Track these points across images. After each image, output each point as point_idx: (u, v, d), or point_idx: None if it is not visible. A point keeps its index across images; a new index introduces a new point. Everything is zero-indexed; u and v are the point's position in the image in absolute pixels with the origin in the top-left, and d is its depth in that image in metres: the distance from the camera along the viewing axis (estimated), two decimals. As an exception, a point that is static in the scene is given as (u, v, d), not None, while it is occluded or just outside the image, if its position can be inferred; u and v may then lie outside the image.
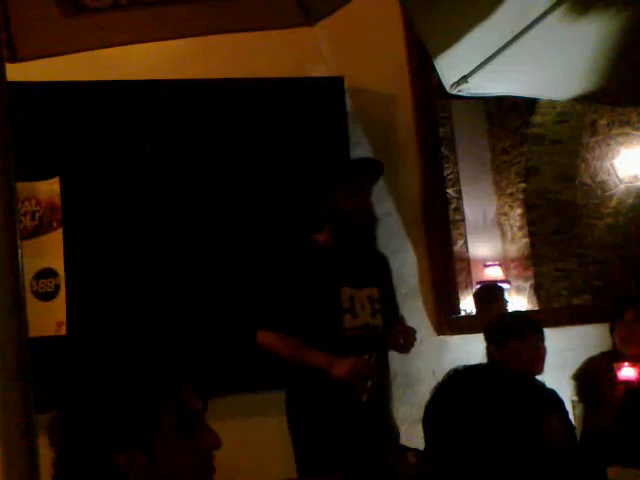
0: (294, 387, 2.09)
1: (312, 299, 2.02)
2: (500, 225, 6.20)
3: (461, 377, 1.13)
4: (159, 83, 2.62)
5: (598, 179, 6.39)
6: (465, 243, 5.75)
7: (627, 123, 6.49)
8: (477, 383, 1.09)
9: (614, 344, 2.32)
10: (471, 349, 2.66)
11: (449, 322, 2.72)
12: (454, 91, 2.48)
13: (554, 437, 1.95)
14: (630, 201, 6.40)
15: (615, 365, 2.12)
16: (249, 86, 2.66)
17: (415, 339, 2.17)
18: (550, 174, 5.95)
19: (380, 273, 2.25)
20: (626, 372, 2.04)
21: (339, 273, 2.08)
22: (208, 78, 2.64)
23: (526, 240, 5.93)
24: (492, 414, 1.02)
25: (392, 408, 2.21)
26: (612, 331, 2.34)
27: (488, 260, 6.00)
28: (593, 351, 2.49)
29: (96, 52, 1.76)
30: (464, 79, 2.42)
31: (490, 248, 6.13)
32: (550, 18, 2.26)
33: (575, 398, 2.32)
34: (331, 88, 2.68)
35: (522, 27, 2.25)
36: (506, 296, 4.70)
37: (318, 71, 2.73)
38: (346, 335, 2.03)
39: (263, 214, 2.60)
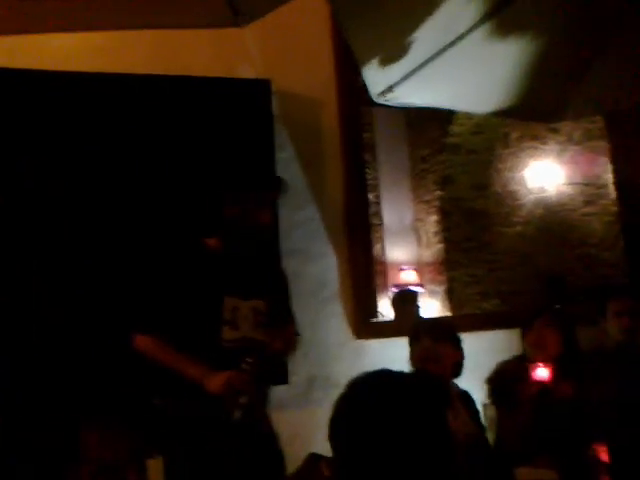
0: (166, 398, 1.96)
1: (192, 305, 1.91)
2: (416, 231, 6.37)
3: (360, 386, 1.16)
4: (76, 75, 2.50)
5: (509, 189, 6.69)
6: (383, 247, 5.86)
7: (536, 137, 6.83)
8: (375, 390, 1.11)
9: (524, 349, 2.44)
10: (389, 353, 2.72)
11: (368, 326, 2.76)
12: (380, 100, 2.53)
13: (459, 432, 2.02)
14: (538, 211, 6.74)
15: (529, 366, 2.21)
16: (171, 83, 2.58)
17: (296, 344, 2.11)
18: (465, 183, 6.17)
19: (271, 285, 2.16)
20: (540, 372, 2.14)
21: (225, 281, 1.99)
22: (128, 73, 2.55)
23: (440, 246, 6.12)
24: (394, 418, 1.05)
25: (272, 429, 2.09)
26: (523, 336, 2.45)
27: (404, 264, 6.15)
28: (504, 355, 2.59)
29: (13, 38, 1.66)
30: (390, 89, 2.47)
31: (406, 253, 6.29)
32: (474, 35, 2.34)
33: (487, 401, 2.41)
34: (258, 90, 2.65)
35: (448, 41, 2.32)
36: (419, 301, 4.83)
37: (245, 72, 2.70)
38: (224, 347, 1.93)
39: (170, 215, 2.50)
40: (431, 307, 5.96)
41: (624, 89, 2.76)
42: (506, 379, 2.36)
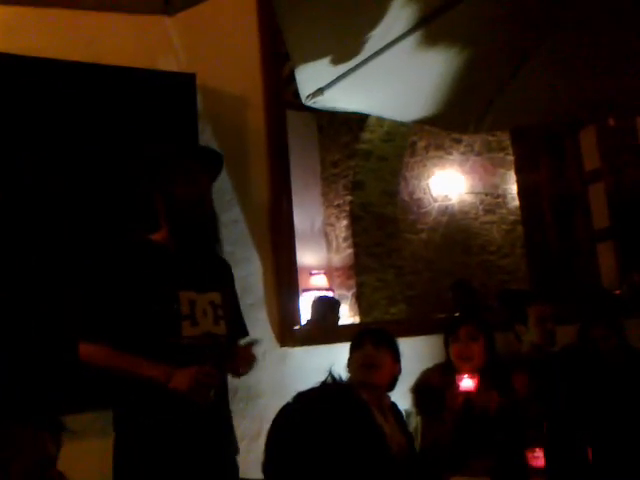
0: (124, 405, 1.86)
1: (146, 304, 1.81)
2: (326, 235, 6.39)
3: (293, 413, 1.13)
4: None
5: (415, 197, 6.87)
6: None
7: (441, 147, 7.07)
8: (309, 415, 1.08)
9: (448, 356, 2.45)
10: (313, 361, 2.66)
11: (292, 333, 2.69)
12: (309, 102, 2.47)
13: (393, 445, 2.00)
14: (442, 218, 6.97)
15: (456, 376, 2.23)
16: (86, 71, 2.39)
17: (252, 365, 2.05)
18: (375, 189, 6.27)
19: (222, 277, 2.10)
20: (466, 383, 2.17)
21: (179, 275, 1.90)
22: (36, 56, 2.33)
23: (350, 251, 6.17)
24: (332, 444, 1.02)
25: (232, 422, 2.06)
26: (447, 345, 2.46)
27: (314, 268, 6.15)
28: (427, 361, 2.60)
29: None
30: (320, 91, 2.42)
31: (316, 257, 6.29)
32: (404, 43, 2.35)
33: (412, 410, 2.42)
34: (181, 84, 2.51)
35: (379, 47, 2.31)
36: (340, 309, 4.84)
37: (168, 65, 2.55)
38: (184, 344, 1.84)
39: (93, 213, 2.31)
40: (341, 311, 5.99)
41: (537, 108, 2.89)
42: (431, 388, 2.37)
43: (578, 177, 4.48)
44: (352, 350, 2.27)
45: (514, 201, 6.60)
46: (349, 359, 2.26)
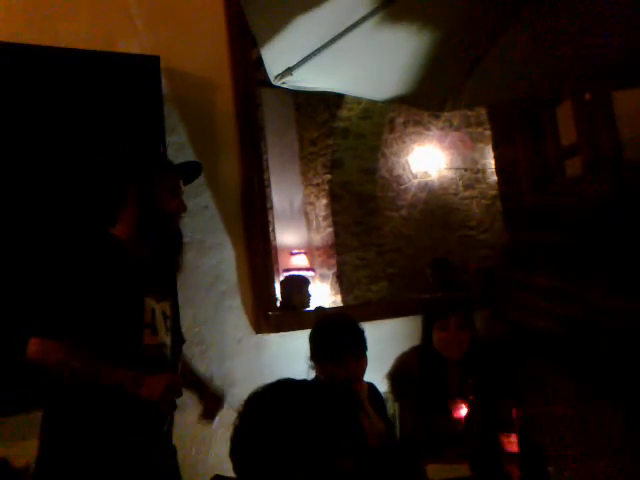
0: (68, 407, 1.73)
1: (112, 307, 1.71)
2: (306, 214, 6.34)
3: (264, 401, 1.11)
4: None
5: (395, 173, 6.82)
6: (273, 231, 5.78)
7: (419, 123, 7.01)
8: (283, 405, 1.08)
9: (425, 339, 2.40)
10: (289, 347, 2.64)
11: (267, 320, 2.65)
12: (278, 82, 2.41)
13: (371, 435, 1.99)
14: (422, 195, 6.94)
15: (451, 405, 2.06)
16: (41, 55, 2.27)
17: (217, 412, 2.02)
18: (354, 167, 6.21)
19: (172, 286, 2.06)
20: (463, 412, 2.02)
21: (145, 280, 1.82)
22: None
23: (330, 229, 6.13)
24: (305, 434, 1.01)
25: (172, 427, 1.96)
26: (428, 329, 2.39)
27: (294, 248, 6.12)
28: (405, 343, 2.56)
29: None
30: (289, 71, 2.35)
31: (296, 236, 6.25)
32: (374, 20, 2.28)
33: (389, 396, 2.38)
34: (145, 67, 2.42)
35: (348, 25, 2.25)
36: (309, 288, 4.79)
37: (130, 47, 2.46)
38: (144, 353, 1.76)
39: (53, 203, 2.20)
40: (322, 291, 5.97)
41: (512, 84, 2.84)
42: (408, 375, 2.34)
43: (555, 152, 4.45)
44: (328, 361, 2.08)
45: (493, 176, 6.59)
46: (322, 367, 2.10)
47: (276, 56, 2.26)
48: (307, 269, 5.97)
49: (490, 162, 6.84)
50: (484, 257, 6.53)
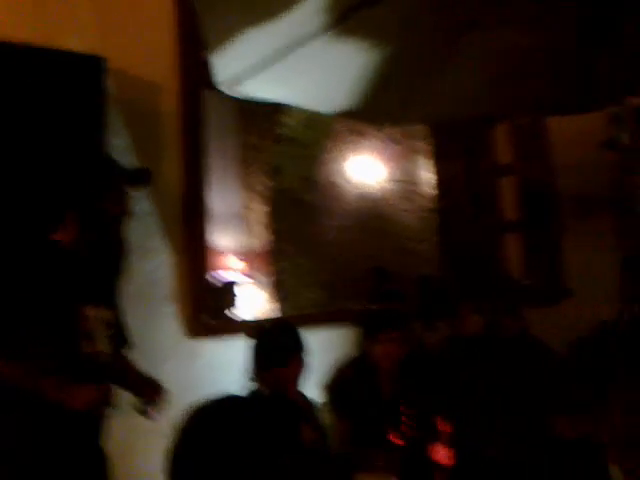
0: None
1: (45, 316, 1.67)
2: (245, 220, 6.30)
3: (204, 418, 1.11)
4: None
5: (334, 182, 6.88)
6: (211, 237, 5.71)
7: (361, 134, 7.11)
8: (224, 421, 1.06)
9: (363, 351, 2.43)
10: (224, 353, 2.62)
11: (202, 325, 2.62)
12: (225, 89, 2.40)
13: (308, 443, 1.99)
14: (360, 204, 7.02)
15: (431, 451, 1.96)
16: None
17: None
18: (294, 174, 6.23)
19: (114, 293, 2.01)
20: (441, 455, 1.91)
21: (83, 287, 1.79)
22: None
23: (268, 236, 6.12)
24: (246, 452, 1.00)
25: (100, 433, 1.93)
26: (365, 341, 2.42)
27: (231, 253, 6.06)
28: (338, 353, 2.58)
29: None
30: (239, 80, 2.35)
31: (233, 241, 6.20)
32: (327, 35, 2.31)
33: (325, 407, 2.39)
34: (88, 67, 2.34)
35: (301, 38, 2.26)
36: (235, 291, 4.79)
37: (73, 45, 2.39)
38: (80, 362, 1.74)
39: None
40: (259, 298, 5.94)
41: (455, 104, 2.93)
42: (343, 386, 2.35)
43: (491, 170, 4.61)
44: (273, 365, 2.11)
45: (431, 189, 6.74)
46: (267, 372, 2.12)
47: (226, 63, 2.25)
48: (244, 275, 5.93)
49: (428, 175, 7.00)
50: (419, 267, 6.66)
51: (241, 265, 6.00)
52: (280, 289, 6.04)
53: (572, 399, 2.25)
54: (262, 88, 2.44)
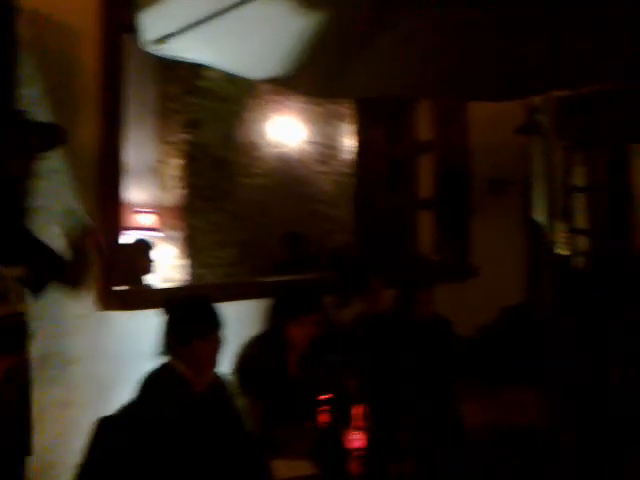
0: None
1: None
2: (158, 173, 6.07)
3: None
4: None
5: (253, 140, 6.74)
6: (124, 194, 5.45)
7: (282, 93, 6.95)
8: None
9: (274, 328, 2.41)
10: (135, 324, 2.54)
11: (113, 296, 2.50)
12: (151, 50, 2.27)
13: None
14: (277, 164, 6.93)
15: (345, 436, 1.96)
16: None
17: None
18: (213, 129, 6.04)
19: (28, 248, 1.90)
20: (357, 441, 1.93)
21: None
22: None
23: (182, 191, 5.93)
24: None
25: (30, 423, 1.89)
26: (279, 319, 2.40)
27: (142, 207, 5.84)
28: (248, 327, 2.56)
29: None
30: (166, 39, 2.22)
31: (145, 195, 5.97)
32: (258, 3, 2.21)
33: (237, 390, 2.35)
34: (-2, 6, 2.14)
35: (235, 2, 2.15)
36: (150, 253, 4.59)
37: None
38: None
39: None
40: (169, 253, 5.80)
41: (383, 81, 2.92)
42: (252, 368, 2.32)
43: (411, 145, 4.67)
44: (193, 337, 2.06)
45: (348, 154, 6.76)
46: (188, 346, 2.06)
47: (154, 21, 2.12)
48: (154, 229, 5.75)
49: (347, 140, 7.00)
50: (334, 233, 6.72)
51: (153, 220, 5.81)
52: (191, 246, 5.91)
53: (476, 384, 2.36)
54: (190, 49, 2.32)
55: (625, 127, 4.13)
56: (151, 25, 2.13)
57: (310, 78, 2.79)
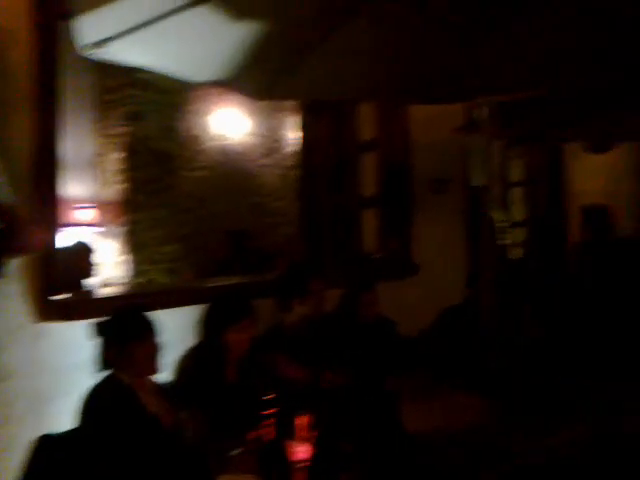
0: None
1: None
2: (97, 167, 5.90)
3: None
4: None
5: (194, 133, 6.63)
6: (61, 190, 5.27)
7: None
8: None
9: (211, 336, 2.41)
10: (76, 335, 2.46)
11: (51, 306, 2.42)
12: (86, 53, 2.20)
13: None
14: (220, 157, 6.85)
15: (288, 449, 1.93)
16: None
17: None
18: (153, 122, 5.91)
19: None
20: (301, 453, 1.90)
21: None
22: None
23: (123, 185, 5.79)
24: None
25: None
26: (218, 327, 2.39)
27: (81, 202, 5.67)
28: (185, 334, 2.54)
29: None
30: (103, 43, 2.15)
31: (85, 190, 5.79)
32: (203, 6, 2.17)
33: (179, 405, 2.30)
34: None
35: (177, 5, 2.11)
36: (90, 255, 4.46)
37: None
38: None
39: None
40: (111, 249, 5.66)
41: (327, 85, 2.93)
42: (192, 380, 2.29)
43: (355, 143, 4.69)
44: (129, 340, 2.07)
45: (291, 147, 6.75)
46: (123, 349, 2.07)
47: (91, 25, 2.05)
48: (94, 225, 5.60)
49: (290, 133, 6.97)
50: (277, 226, 6.70)
51: (93, 215, 5.65)
52: (133, 241, 5.79)
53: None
54: (127, 51, 2.26)
55: (558, 127, 4.28)
56: (88, 29, 2.06)
57: (255, 81, 2.77)
